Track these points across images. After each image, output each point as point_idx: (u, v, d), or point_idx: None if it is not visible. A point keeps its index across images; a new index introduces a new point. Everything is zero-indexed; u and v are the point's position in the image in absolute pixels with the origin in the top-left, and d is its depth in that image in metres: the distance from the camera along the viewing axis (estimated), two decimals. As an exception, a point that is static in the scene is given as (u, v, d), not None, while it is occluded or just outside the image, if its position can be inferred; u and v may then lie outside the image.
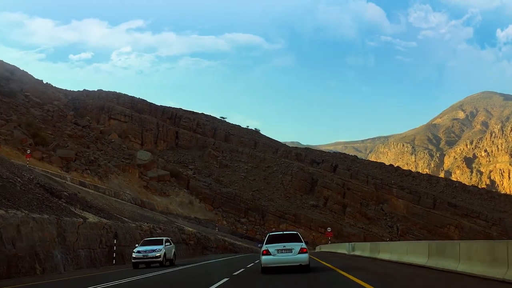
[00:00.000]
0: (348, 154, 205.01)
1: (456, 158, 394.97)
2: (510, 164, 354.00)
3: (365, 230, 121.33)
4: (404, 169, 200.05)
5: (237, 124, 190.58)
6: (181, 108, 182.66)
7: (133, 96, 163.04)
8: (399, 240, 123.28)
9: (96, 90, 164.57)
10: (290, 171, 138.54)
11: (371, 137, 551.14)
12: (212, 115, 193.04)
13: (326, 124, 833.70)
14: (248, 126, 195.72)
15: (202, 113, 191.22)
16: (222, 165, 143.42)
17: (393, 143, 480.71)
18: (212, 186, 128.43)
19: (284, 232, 20.18)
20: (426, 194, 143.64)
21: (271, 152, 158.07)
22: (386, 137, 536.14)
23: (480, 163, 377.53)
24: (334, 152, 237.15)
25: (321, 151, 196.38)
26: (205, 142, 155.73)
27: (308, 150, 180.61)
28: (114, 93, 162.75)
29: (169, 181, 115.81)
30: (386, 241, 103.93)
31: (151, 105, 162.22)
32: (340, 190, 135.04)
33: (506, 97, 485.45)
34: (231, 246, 57.68)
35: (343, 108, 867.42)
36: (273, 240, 17.24)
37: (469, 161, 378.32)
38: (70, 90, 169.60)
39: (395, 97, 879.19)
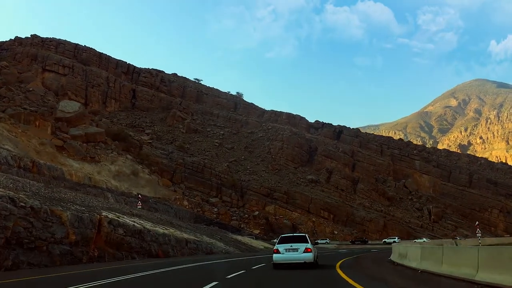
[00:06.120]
0: (349, 127, 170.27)
1: (450, 146, 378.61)
2: (506, 151, 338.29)
3: (385, 214, 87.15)
4: (416, 144, 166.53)
5: (215, 87, 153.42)
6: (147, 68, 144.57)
7: (78, 44, 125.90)
8: (432, 228, 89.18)
9: (29, 36, 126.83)
10: (281, 136, 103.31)
11: (361, 126, 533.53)
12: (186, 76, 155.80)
13: (315, 114, 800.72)
14: (229, 92, 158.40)
15: (174, 74, 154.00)
16: (190, 130, 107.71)
17: (384, 131, 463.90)
18: (174, 155, 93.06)
19: (294, 234, 21.57)
20: (459, 169, 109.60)
21: (255, 116, 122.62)
22: (377, 126, 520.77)
23: (475, 150, 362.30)
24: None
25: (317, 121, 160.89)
26: (171, 103, 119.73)
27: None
28: (53, 39, 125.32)
29: (104, 143, 80.00)
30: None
31: (101, 55, 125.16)
32: (347, 161, 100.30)
33: (499, 85, 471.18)
34: (139, 239, 22.36)
35: (334, 99, 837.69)
36: (284, 240, 19.01)
37: (463, 148, 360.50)
38: (1, 41, 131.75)
39: (387, 87, 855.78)
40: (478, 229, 40.66)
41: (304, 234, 20.01)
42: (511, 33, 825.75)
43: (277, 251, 18.11)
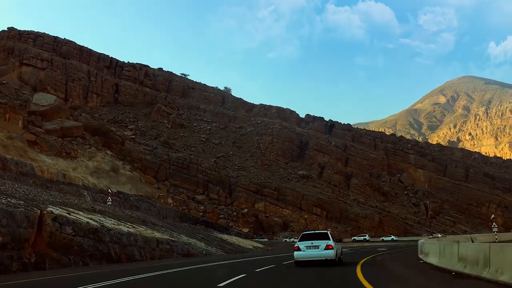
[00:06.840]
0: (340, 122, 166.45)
1: (439, 142, 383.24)
2: (495, 147, 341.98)
3: (380, 210, 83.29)
4: (408, 139, 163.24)
5: (202, 82, 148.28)
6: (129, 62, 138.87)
7: (57, 37, 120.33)
8: (430, 224, 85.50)
9: (6, 29, 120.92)
10: (270, 130, 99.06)
11: (351, 124, 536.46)
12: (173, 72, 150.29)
13: (305, 112, 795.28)
14: (217, 87, 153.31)
15: (160, 68, 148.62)
16: (175, 125, 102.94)
17: (374, 129, 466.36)
18: (158, 151, 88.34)
19: (315, 231, 21.42)
20: (455, 163, 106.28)
21: (244, 110, 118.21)
22: (367, 123, 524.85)
23: (465, 147, 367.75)
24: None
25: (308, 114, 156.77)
26: (156, 97, 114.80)
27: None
28: (31, 32, 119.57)
29: (82, 138, 74.93)
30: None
31: (81, 48, 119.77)
32: (340, 155, 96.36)
33: (487, 81, 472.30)
34: (95, 240, 18.29)
35: (331, 99, 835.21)
36: (305, 238, 19.04)
37: (453, 145, 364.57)
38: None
39: (386, 87, 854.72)
40: (494, 224, 36.80)
41: (326, 231, 19.63)
42: (510, 35, 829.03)
43: (298, 249, 17.99)
